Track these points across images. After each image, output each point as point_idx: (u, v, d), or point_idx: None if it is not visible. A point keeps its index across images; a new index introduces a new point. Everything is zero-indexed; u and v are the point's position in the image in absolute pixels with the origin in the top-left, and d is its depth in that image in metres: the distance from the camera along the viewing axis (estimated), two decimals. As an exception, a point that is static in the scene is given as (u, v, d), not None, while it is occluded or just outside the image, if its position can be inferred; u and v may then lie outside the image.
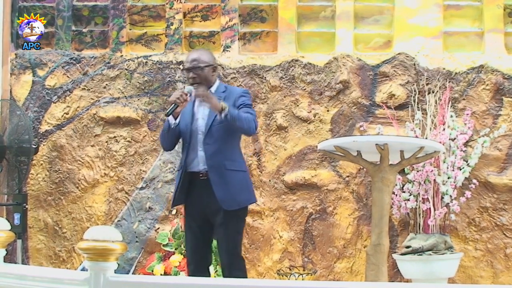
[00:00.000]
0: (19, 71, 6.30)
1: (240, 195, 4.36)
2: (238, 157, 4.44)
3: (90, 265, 3.07)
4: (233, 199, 4.31)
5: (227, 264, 4.37)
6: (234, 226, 4.36)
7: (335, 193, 5.96)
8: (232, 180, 4.32)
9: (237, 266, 4.36)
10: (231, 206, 4.30)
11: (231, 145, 4.38)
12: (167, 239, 5.84)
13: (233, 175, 4.34)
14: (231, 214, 4.32)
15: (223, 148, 4.32)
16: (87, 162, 6.17)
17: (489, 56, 6.00)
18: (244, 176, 4.44)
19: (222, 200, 4.28)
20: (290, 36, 6.20)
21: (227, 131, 4.32)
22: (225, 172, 4.31)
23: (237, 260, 4.40)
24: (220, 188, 4.29)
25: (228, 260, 4.36)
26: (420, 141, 5.14)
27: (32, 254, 6.15)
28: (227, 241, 4.36)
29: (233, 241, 4.38)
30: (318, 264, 5.92)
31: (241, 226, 4.47)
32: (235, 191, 4.32)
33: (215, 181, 4.30)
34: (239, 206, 4.35)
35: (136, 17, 6.39)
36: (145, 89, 6.20)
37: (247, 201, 4.44)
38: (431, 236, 5.48)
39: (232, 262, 4.35)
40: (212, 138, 4.33)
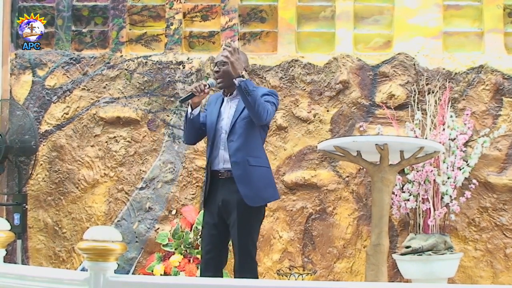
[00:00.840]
0: (19, 71, 6.30)
1: (264, 191, 4.32)
2: (261, 153, 4.40)
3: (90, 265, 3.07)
4: (257, 195, 4.27)
5: (237, 264, 4.30)
6: (250, 225, 4.29)
7: (335, 193, 5.96)
8: (256, 176, 4.29)
9: (248, 268, 4.28)
10: (255, 202, 4.26)
11: (254, 141, 4.33)
12: (167, 239, 5.84)
13: (257, 171, 4.30)
14: (248, 212, 4.25)
15: (246, 144, 4.29)
16: (87, 162, 6.18)
17: (489, 56, 6.00)
18: (267, 172, 4.41)
19: (246, 196, 4.23)
20: (290, 36, 6.20)
21: (250, 127, 4.30)
22: (249, 168, 4.27)
23: (249, 261, 4.31)
24: (244, 184, 4.25)
25: (239, 260, 4.29)
26: (420, 141, 5.13)
27: (32, 254, 6.15)
28: (239, 239, 4.27)
29: (247, 240, 4.30)
30: (318, 264, 5.92)
31: (257, 226, 4.38)
32: (259, 187, 4.29)
33: (239, 177, 4.26)
34: (264, 201, 4.34)
35: (136, 17, 6.39)
36: (145, 89, 6.21)
37: (271, 197, 4.40)
38: (431, 236, 5.48)
39: (243, 262, 4.28)
40: (235, 134, 4.30)
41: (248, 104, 4.18)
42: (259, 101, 4.19)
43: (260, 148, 4.40)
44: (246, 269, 4.26)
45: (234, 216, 4.26)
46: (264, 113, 4.21)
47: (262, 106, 4.21)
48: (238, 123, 4.31)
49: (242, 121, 4.30)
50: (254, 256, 4.36)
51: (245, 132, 4.29)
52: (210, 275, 4.26)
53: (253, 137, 4.33)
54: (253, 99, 4.16)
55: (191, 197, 6.06)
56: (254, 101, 4.16)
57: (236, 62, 4.21)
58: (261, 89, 4.45)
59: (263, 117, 4.22)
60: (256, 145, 4.36)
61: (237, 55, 4.23)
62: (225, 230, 4.35)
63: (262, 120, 4.25)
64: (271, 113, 4.29)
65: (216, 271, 4.32)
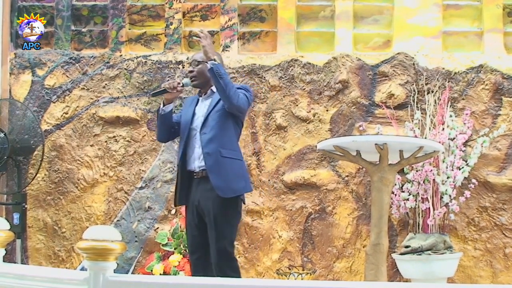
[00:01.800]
0: (18, 71, 6.30)
1: (235, 182, 4.30)
2: (235, 146, 4.40)
3: (90, 264, 3.07)
4: (228, 186, 4.26)
5: (216, 263, 4.25)
6: (226, 218, 4.26)
7: (334, 193, 5.96)
8: (227, 168, 4.29)
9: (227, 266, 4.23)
10: (226, 194, 4.24)
11: (227, 134, 4.34)
12: (166, 238, 5.84)
13: (229, 163, 4.30)
14: (223, 208, 4.24)
15: (219, 136, 4.31)
16: (87, 162, 6.17)
17: (489, 56, 6.00)
18: (240, 164, 4.40)
19: (217, 187, 4.24)
20: (289, 36, 6.20)
21: (223, 119, 4.32)
22: (221, 159, 4.28)
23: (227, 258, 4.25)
24: (216, 175, 4.25)
25: (217, 258, 4.24)
26: (420, 141, 5.14)
27: (31, 253, 6.15)
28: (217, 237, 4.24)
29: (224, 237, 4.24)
30: (317, 263, 5.92)
31: (234, 219, 4.34)
32: (230, 178, 4.28)
33: (210, 168, 4.27)
34: (235, 193, 4.29)
35: (136, 16, 6.39)
36: (144, 88, 6.20)
37: (243, 189, 4.35)
38: (430, 236, 5.48)
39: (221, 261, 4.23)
40: (208, 127, 4.33)
41: (220, 87, 4.23)
42: (230, 84, 4.25)
43: (233, 141, 4.40)
44: (226, 268, 4.22)
45: (210, 214, 4.26)
46: (235, 96, 4.24)
47: (234, 90, 4.26)
48: (211, 116, 4.35)
49: (215, 114, 4.34)
50: (232, 253, 4.32)
51: (217, 124, 4.32)
52: (200, 275, 4.24)
53: (227, 130, 4.34)
54: (225, 82, 4.21)
55: (191, 197, 6.06)
56: (225, 84, 4.21)
57: (209, 46, 4.27)
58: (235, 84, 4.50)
59: (234, 100, 4.23)
60: (229, 137, 4.37)
61: (209, 40, 4.30)
62: (205, 230, 4.33)
63: (233, 103, 4.25)
64: (242, 101, 4.31)
65: (205, 271, 4.30)
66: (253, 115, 6.06)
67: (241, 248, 5.93)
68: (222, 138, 4.32)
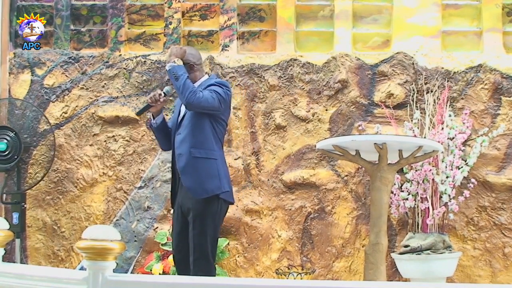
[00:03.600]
0: (17, 70, 6.30)
1: (208, 183, 4.27)
2: (209, 145, 4.35)
3: (89, 264, 3.07)
4: (200, 187, 4.26)
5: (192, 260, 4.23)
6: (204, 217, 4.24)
7: (333, 193, 5.96)
8: (198, 168, 4.28)
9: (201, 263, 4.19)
10: (199, 194, 4.25)
11: (200, 133, 4.33)
12: (165, 238, 5.84)
13: (201, 163, 4.29)
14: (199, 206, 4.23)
15: (191, 136, 4.32)
16: (86, 162, 6.17)
17: (488, 56, 6.00)
18: (214, 164, 4.34)
19: (189, 188, 4.26)
20: (288, 36, 6.20)
21: (196, 119, 4.33)
22: (192, 160, 4.28)
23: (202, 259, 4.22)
24: (187, 176, 4.28)
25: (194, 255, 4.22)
26: (419, 140, 5.14)
27: (30, 253, 6.15)
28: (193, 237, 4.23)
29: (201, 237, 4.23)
30: (316, 263, 5.92)
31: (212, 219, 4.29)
32: (203, 179, 4.27)
33: (182, 169, 4.30)
34: (207, 194, 4.26)
35: (135, 16, 6.39)
36: (143, 88, 6.20)
37: (217, 189, 4.29)
38: (429, 236, 5.48)
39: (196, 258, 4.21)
40: (182, 127, 4.37)
41: (176, 88, 4.28)
42: (186, 84, 4.24)
43: (208, 141, 4.35)
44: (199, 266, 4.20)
45: (190, 214, 4.28)
46: (191, 96, 4.21)
47: (190, 90, 4.23)
48: (186, 116, 4.38)
49: (189, 113, 4.36)
50: (210, 254, 4.27)
51: (190, 124, 4.34)
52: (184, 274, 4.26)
53: (200, 129, 4.33)
54: (180, 82, 4.24)
55: (190, 196, 6.06)
56: (181, 84, 4.23)
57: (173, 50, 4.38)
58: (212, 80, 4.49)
59: (190, 99, 4.21)
60: (204, 137, 4.34)
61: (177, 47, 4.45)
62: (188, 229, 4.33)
63: (190, 103, 4.23)
64: (206, 98, 4.27)
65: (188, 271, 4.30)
66: (252, 115, 6.06)
67: (240, 248, 5.93)
68: (195, 138, 4.31)
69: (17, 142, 5.88)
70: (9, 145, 5.83)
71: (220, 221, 4.41)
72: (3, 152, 5.83)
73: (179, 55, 4.40)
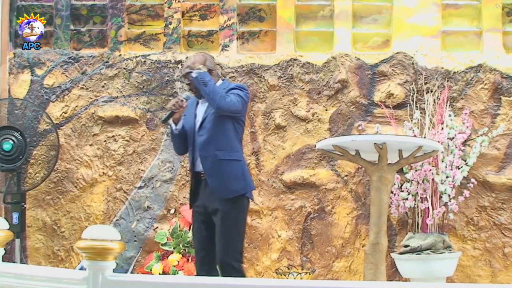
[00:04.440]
0: (17, 70, 6.30)
1: (233, 183, 4.37)
2: (233, 147, 4.44)
3: (89, 264, 3.07)
4: (226, 188, 4.34)
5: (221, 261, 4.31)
6: (231, 217, 4.33)
7: (333, 192, 5.96)
8: (224, 170, 4.36)
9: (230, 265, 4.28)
10: (225, 195, 4.32)
11: (224, 135, 4.41)
12: (165, 238, 5.84)
13: (226, 164, 4.38)
14: (227, 206, 4.31)
15: (214, 138, 4.39)
16: (86, 162, 6.17)
17: (488, 56, 6.00)
18: (238, 165, 4.44)
19: (215, 189, 4.33)
20: (288, 35, 6.20)
21: (218, 121, 4.39)
22: (217, 161, 4.36)
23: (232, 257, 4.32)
24: (213, 177, 4.35)
25: (223, 259, 4.30)
26: (419, 140, 5.14)
27: (30, 253, 6.15)
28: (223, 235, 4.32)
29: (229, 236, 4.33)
30: (316, 263, 5.92)
31: (239, 218, 4.40)
32: (229, 180, 4.36)
33: (208, 171, 4.37)
34: (233, 194, 4.35)
35: (135, 16, 6.39)
36: (143, 88, 6.20)
37: (242, 189, 4.39)
38: (429, 235, 5.48)
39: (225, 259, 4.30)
40: (204, 129, 4.42)
41: (206, 94, 4.36)
42: (215, 89, 4.36)
43: (232, 142, 4.44)
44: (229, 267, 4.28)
45: (217, 214, 4.34)
46: (221, 100, 4.33)
47: (220, 95, 4.35)
48: (208, 118, 4.44)
49: (212, 116, 4.42)
50: (239, 252, 4.38)
51: (213, 126, 4.40)
52: (204, 273, 4.32)
53: (224, 131, 4.41)
54: (209, 88, 4.34)
55: (190, 196, 6.06)
56: (210, 90, 4.34)
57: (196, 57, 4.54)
58: (231, 84, 4.60)
59: (221, 104, 4.32)
60: (227, 139, 4.42)
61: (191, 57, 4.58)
62: (213, 228, 4.40)
63: (220, 107, 4.34)
64: (233, 102, 4.38)
65: (210, 269, 4.37)
66: (252, 115, 6.06)
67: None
68: (219, 140, 4.39)
69: (22, 142, 5.89)
70: (14, 145, 5.84)
71: (245, 219, 4.52)
72: (8, 152, 5.83)
73: (202, 62, 4.51)
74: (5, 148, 5.82)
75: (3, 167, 5.84)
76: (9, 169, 5.87)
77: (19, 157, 5.86)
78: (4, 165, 5.84)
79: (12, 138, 5.86)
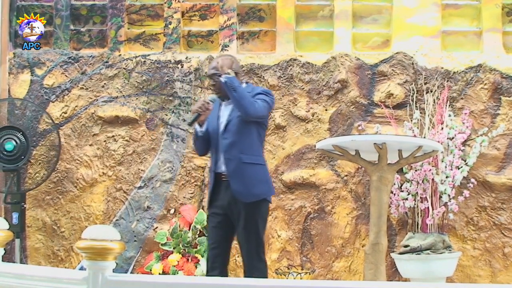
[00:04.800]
0: (17, 70, 6.30)
1: (256, 187, 4.41)
2: (256, 151, 4.49)
3: (89, 264, 3.07)
4: (248, 191, 4.38)
5: (245, 263, 4.42)
6: (253, 220, 4.39)
7: (333, 192, 5.96)
8: (248, 173, 4.40)
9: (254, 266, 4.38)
10: (247, 198, 4.37)
11: (248, 138, 4.45)
12: (165, 238, 5.84)
13: (250, 168, 4.42)
14: (250, 210, 4.37)
15: (238, 141, 4.42)
16: (86, 162, 6.17)
17: (488, 56, 6.00)
18: (261, 169, 4.50)
19: (237, 192, 4.37)
20: (288, 35, 6.20)
21: (243, 124, 4.42)
22: (241, 165, 4.40)
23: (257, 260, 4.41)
24: (236, 181, 4.38)
25: (247, 260, 4.41)
26: (419, 140, 5.14)
27: (30, 253, 6.15)
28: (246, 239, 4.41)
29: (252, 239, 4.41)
30: (316, 263, 5.92)
31: (261, 223, 4.46)
32: (251, 183, 4.40)
33: (231, 174, 4.40)
34: (256, 198, 4.40)
35: (135, 16, 6.39)
36: (143, 88, 6.20)
37: (264, 193, 4.45)
38: (429, 235, 5.48)
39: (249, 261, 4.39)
40: (229, 132, 4.44)
41: (234, 99, 4.37)
42: (244, 95, 4.37)
43: (255, 146, 4.49)
44: (253, 268, 4.37)
45: (240, 217, 4.39)
46: (250, 106, 4.35)
47: (248, 100, 4.37)
48: (232, 121, 4.45)
49: (236, 119, 4.43)
50: (261, 254, 4.44)
51: (238, 129, 4.42)
52: (216, 272, 4.40)
53: (248, 135, 4.44)
54: (238, 94, 4.35)
55: (190, 196, 6.06)
56: (239, 95, 4.35)
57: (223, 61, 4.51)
58: (256, 89, 4.62)
59: (250, 110, 4.35)
60: (251, 142, 4.45)
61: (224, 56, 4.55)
62: (229, 229, 4.46)
63: (249, 114, 4.37)
64: (261, 108, 4.42)
65: (222, 268, 4.45)
66: (252, 115, 6.05)
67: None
68: (243, 144, 4.43)
69: (25, 142, 5.89)
70: (16, 146, 5.84)
71: (266, 221, 4.58)
72: (10, 152, 5.83)
73: (229, 65, 4.53)
74: (7, 148, 5.82)
75: (4, 167, 5.84)
76: (11, 169, 5.87)
77: (21, 157, 5.87)
78: (6, 165, 5.84)
79: (14, 138, 5.86)
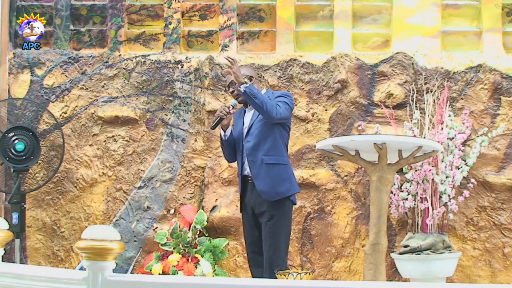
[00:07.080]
0: (17, 71, 6.30)
1: (280, 186, 4.61)
2: (279, 151, 4.68)
3: (88, 264, 3.07)
4: (273, 190, 4.59)
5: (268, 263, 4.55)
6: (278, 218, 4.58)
7: (333, 193, 5.96)
8: (271, 173, 4.61)
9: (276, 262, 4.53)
10: (271, 197, 4.57)
11: (270, 140, 4.64)
12: (165, 238, 5.84)
13: (272, 168, 4.62)
14: (274, 208, 4.57)
15: (261, 143, 4.63)
16: (85, 162, 6.17)
17: (487, 56, 6.00)
18: (284, 169, 4.69)
19: (262, 192, 4.59)
20: (288, 36, 6.20)
21: (265, 128, 4.63)
22: (264, 166, 4.60)
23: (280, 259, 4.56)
24: (260, 181, 4.60)
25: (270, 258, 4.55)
26: (418, 140, 5.13)
27: (30, 253, 6.15)
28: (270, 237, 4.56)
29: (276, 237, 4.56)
30: (316, 263, 5.92)
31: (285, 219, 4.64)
32: (274, 183, 4.60)
33: (255, 175, 4.61)
34: (279, 196, 4.59)
35: (134, 16, 6.39)
36: (143, 88, 6.20)
37: (287, 191, 4.65)
38: (429, 236, 5.48)
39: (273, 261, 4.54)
40: (251, 135, 4.66)
41: (256, 106, 4.55)
42: (265, 100, 4.55)
43: (278, 147, 4.69)
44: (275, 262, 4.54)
45: (265, 216, 4.61)
46: (273, 110, 4.55)
47: (270, 104, 4.56)
48: (254, 125, 4.68)
49: (258, 123, 4.66)
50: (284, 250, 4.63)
51: (260, 132, 4.64)
52: (259, 274, 4.63)
53: (270, 137, 4.65)
54: (260, 100, 4.53)
55: (190, 196, 6.06)
56: (261, 101, 4.53)
57: (237, 71, 4.58)
58: (275, 93, 4.83)
59: (273, 114, 4.55)
60: (273, 144, 4.66)
61: (236, 65, 4.59)
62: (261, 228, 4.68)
63: (273, 117, 4.57)
64: (282, 110, 4.62)
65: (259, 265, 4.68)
66: (252, 115, 6.06)
67: (240, 248, 5.93)
68: (265, 146, 4.64)
69: (35, 142, 5.89)
70: (27, 146, 5.85)
71: (291, 219, 4.78)
72: (20, 153, 5.84)
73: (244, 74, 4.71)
74: (18, 149, 5.82)
75: (15, 167, 5.83)
76: (21, 170, 5.86)
77: (30, 158, 5.87)
78: (17, 166, 5.83)
79: (25, 138, 5.86)
